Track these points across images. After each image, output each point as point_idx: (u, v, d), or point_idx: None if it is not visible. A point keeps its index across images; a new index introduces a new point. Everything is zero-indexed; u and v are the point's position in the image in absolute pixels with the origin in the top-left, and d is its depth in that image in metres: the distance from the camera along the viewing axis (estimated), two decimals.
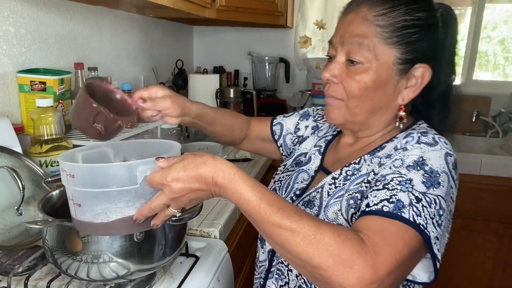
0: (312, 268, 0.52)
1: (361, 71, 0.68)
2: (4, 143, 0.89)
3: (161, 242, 0.70)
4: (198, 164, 0.56)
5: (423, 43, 0.68)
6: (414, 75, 0.69)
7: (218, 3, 1.73)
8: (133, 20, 1.76)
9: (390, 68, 0.68)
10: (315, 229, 0.52)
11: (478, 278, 1.95)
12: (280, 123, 1.00)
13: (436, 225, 0.58)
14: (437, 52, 0.70)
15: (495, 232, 1.89)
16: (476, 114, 2.29)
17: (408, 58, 0.68)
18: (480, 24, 2.35)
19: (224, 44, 2.50)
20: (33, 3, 1.16)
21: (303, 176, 0.84)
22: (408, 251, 0.54)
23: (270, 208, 0.53)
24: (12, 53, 1.10)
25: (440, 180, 0.61)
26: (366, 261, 0.50)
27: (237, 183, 0.55)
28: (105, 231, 0.62)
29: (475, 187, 1.85)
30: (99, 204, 0.59)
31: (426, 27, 0.68)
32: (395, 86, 0.69)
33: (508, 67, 2.50)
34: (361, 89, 0.69)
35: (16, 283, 0.75)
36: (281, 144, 0.99)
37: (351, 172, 0.73)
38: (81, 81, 1.21)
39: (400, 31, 0.66)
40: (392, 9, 0.67)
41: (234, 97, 2.02)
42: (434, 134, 0.67)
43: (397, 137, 0.72)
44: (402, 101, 0.71)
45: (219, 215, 1.07)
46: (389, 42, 0.67)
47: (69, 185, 0.60)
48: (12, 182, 0.82)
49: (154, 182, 0.57)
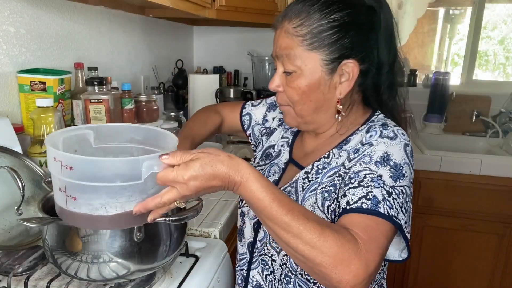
0: (314, 265, 0.58)
1: (295, 79, 0.75)
2: (4, 143, 0.89)
3: (161, 242, 0.70)
4: (215, 163, 0.57)
5: (344, 40, 0.72)
6: (344, 70, 0.73)
7: (218, 3, 1.73)
8: (133, 20, 1.76)
9: (319, 70, 0.73)
10: (320, 232, 0.57)
11: (478, 278, 1.95)
12: (249, 113, 1.03)
13: (404, 212, 0.66)
14: (364, 43, 0.73)
15: (495, 232, 1.89)
16: (476, 114, 2.29)
17: (333, 57, 0.72)
18: (480, 24, 2.35)
19: (224, 44, 2.50)
20: (33, 3, 1.16)
21: (274, 169, 0.88)
22: (387, 243, 0.62)
23: (281, 209, 0.58)
24: (12, 53, 1.10)
25: (404, 171, 0.68)
26: (361, 260, 0.57)
27: (251, 183, 0.58)
28: (102, 225, 0.60)
29: (475, 187, 1.85)
30: (99, 198, 0.58)
31: (344, 26, 0.72)
32: (329, 85, 0.74)
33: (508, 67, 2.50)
34: (299, 94, 0.75)
35: (16, 283, 0.75)
36: (249, 134, 1.03)
37: (321, 166, 0.78)
38: (81, 81, 1.21)
39: (319, 36, 0.72)
40: (307, 18, 0.72)
41: (234, 97, 2.02)
42: (393, 126, 0.74)
43: (360, 129, 0.77)
44: (339, 95, 0.75)
45: (219, 215, 1.07)
46: (311, 48, 0.72)
47: (64, 177, 0.57)
48: (12, 182, 0.82)
49: (167, 179, 0.57)
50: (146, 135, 0.73)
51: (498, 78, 2.53)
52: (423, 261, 1.99)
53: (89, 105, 1.11)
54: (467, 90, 2.36)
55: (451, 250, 1.96)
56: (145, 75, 1.89)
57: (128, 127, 0.75)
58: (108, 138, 0.73)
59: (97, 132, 0.72)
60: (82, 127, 0.72)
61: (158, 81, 1.99)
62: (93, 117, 1.12)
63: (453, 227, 1.92)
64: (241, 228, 0.90)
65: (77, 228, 0.64)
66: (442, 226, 1.92)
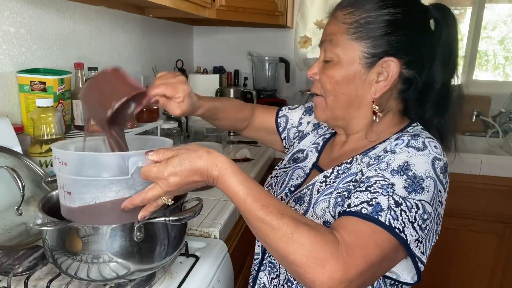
0: (288, 263, 0.56)
1: (332, 67, 0.73)
2: (4, 143, 0.89)
3: (161, 242, 0.70)
4: (193, 159, 0.58)
5: (391, 37, 0.69)
6: (384, 68, 0.71)
7: (218, 3, 1.73)
8: (133, 20, 1.76)
9: (357, 62, 0.71)
10: (293, 229, 0.55)
11: (478, 278, 1.95)
12: (285, 115, 1.01)
13: (418, 229, 0.61)
14: (414, 47, 0.70)
15: (495, 232, 1.89)
16: (476, 114, 2.29)
17: (374, 52, 0.70)
18: (480, 24, 2.35)
19: (224, 44, 2.50)
20: (33, 3, 1.16)
21: (299, 173, 0.86)
22: (379, 253, 0.57)
23: (255, 203, 0.57)
24: (12, 53, 1.10)
25: (424, 185, 0.62)
26: (338, 262, 0.54)
27: (228, 177, 0.58)
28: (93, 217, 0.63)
29: (475, 187, 1.85)
30: (89, 192, 0.61)
31: (394, 22, 0.69)
32: (364, 80, 0.72)
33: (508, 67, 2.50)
34: (332, 83, 0.73)
35: (16, 283, 0.75)
36: (284, 137, 1.00)
37: (342, 171, 0.75)
38: (81, 81, 1.21)
39: (365, 26, 0.70)
40: (359, 7, 0.71)
41: (234, 97, 2.02)
42: (425, 137, 0.68)
43: (390, 138, 0.73)
44: (374, 95, 0.72)
45: (219, 215, 1.07)
46: (354, 38, 0.70)
47: (61, 173, 0.62)
48: (12, 182, 0.82)
49: (150, 175, 0.59)
50: (152, 145, 0.76)
51: (498, 78, 2.53)
52: None
53: None
54: (467, 90, 2.35)
55: (451, 250, 1.96)
56: (145, 75, 1.89)
57: (136, 138, 0.80)
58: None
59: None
60: (94, 138, 0.75)
61: None
62: None
63: (453, 227, 1.92)
64: None
65: (77, 228, 0.64)
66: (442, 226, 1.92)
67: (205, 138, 1.75)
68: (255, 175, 1.48)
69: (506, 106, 2.23)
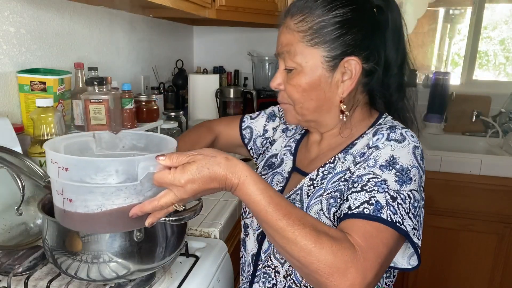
0: (309, 271, 0.57)
1: (295, 76, 0.73)
2: (4, 143, 0.89)
3: (161, 242, 0.70)
4: (212, 165, 0.57)
5: (347, 36, 0.70)
6: (347, 68, 0.72)
7: (218, 3, 1.73)
8: (133, 20, 1.76)
9: (319, 67, 0.72)
10: (315, 239, 0.56)
11: (478, 278, 1.95)
12: (249, 126, 1.00)
13: (412, 217, 0.64)
14: (369, 41, 0.72)
15: (495, 232, 1.89)
16: (476, 114, 2.29)
17: (335, 54, 0.71)
18: (480, 24, 2.35)
19: (224, 44, 2.50)
20: (33, 3, 1.16)
21: (278, 179, 0.86)
22: (387, 251, 0.60)
23: (277, 213, 0.57)
24: (12, 53, 1.10)
25: (412, 175, 0.66)
26: (358, 269, 0.55)
27: (248, 185, 0.58)
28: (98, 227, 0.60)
29: (475, 187, 1.85)
30: (94, 200, 0.57)
31: (347, 22, 0.70)
32: (330, 82, 0.73)
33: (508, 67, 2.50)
34: (299, 92, 0.74)
35: (16, 283, 0.75)
36: (251, 148, 1.00)
37: (327, 171, 0.75)
38: (81, 81, 1.21)
39: (320, 31, 0.70)
40: (309, 14, 0.71)
41: (234, 97, 2.02)
42: (401, 128, 0.71)
43: (367, 133, 0.75)
44: (342, 94, 0.74)
45: (219, 215, 1.07)
46: (312, 44, 0.71)
47: (61, 179, 0.57)
48: (12, 182, 0.82)
49: (164, 182, 0.56)
50: (147, 141, 0.73)
51: (498, 78, 2.53)
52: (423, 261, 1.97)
53: (89, 105, 1.11)
54: (467, 90, 2.36)
55: (451, 250, 1.96)
56: (145, 75, 1.89)
57: (129, 134, 0.75)
58: (110, 145, 0.73)
59: (99, 139, 0.72)
60: (84, 134, 0.72)
61: (158, 81, 1.99)
62: (93, 117, 1.12)
63: (453, 227, 1.92)
64: (244, 240, 0.88)
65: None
66: (442, 226, 1.92)
67: None
68: None
69: (506, 106, 2.23)
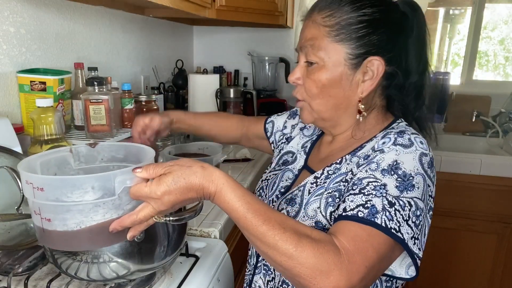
0: (292, 275, 0.56)
1: (317, 70, 0.73)
2: (4, 143, 0.89)
3: (161, 242, 0.70)
4: (188, 175, 0.56)
5: (373, 36, 0.70)
6: (369, 68, 0.71)
7: (218, 3, 1.73)
8: (133, 20, 1.76)
9: (342, 64, 0.71)
10: (296, 243, 0.55)
11: (478, 278, 1.95)
12: (272, 121, 1.04)
13: (413, 226, 0.62)
14: (393, 44, 0.72)
15: (495, 232, 1.89)
16: (476, 114, 2.29)
17: (358, 52, 0.71)
18: (480, 24, 2.35)
19: (224, 44, 2.50)
20: (33, 3, 1.16)
21: (288, 175, 0.86)
22: (377, 257, 0.58)
23: (256, 218, 0.56)
24: (12, 53, 1.10)
25: (414, 182, 0.63)
26: (341, 271, 0.54)
27: (226, 193, 0.57)
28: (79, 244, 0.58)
29: (475, 187, 1.85)
30: (73, 218, 0.55)
31: (374, 22, 0.70)
32: (351, 81, 0.72)
33: (508, 67, 2.50)
34: (318, 87, 0.73)
35: (16, 283, 0.75)
36: (272, 141, 1.03)
37: (332, 171, 0.75)
38: (81, 81, 1.21)
39: (347, 28, 0.70)
40: (338, 9, 0.71)
41: (234, 97, 2.02)
42: (411, 134, 0.70)
43: (376, 136, 0.74)
44: (361, 94, 0.73)
45: (219, 215, 1.07)
46: (337, 40, 0.71)
47: (37, 199, 0.55)
48: (12, 182, 0.82)
49: (141, 195, 0.56)
50: (126, 152, 0.72)
51: (498, 78, 2.53)
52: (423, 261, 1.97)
53: (89, 105, 1.11)
54: (467, 90, 2.36)
55: (451, 250, 1.96)
56: (145, 75, 1.89)
57: (108, 146, 0.73)
58: (89, 158, 0.72)
59: (76, 153, 0.70)
60: (61, 149, 0.70)
61: (158, 81, 1.99)
62: (93, 117, 1.12)
63: (453, 227, 1.92)
64: None
65: None
66: (442, 226, 1.92)
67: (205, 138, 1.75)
68: (255, 175, 1.47)
69: (506, 106, 2.23)
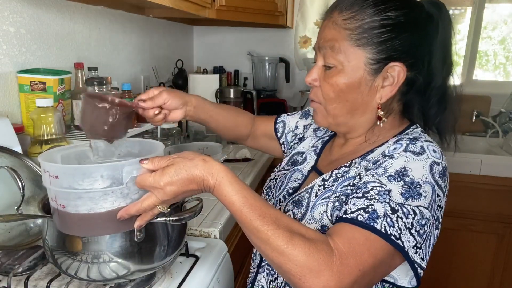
0: (283, 272, 0.57)
1: (335, 74, 0.70)
2: (4, 143, 0.89)
3: (161, 242, 0.70)
4: (189, 168, 0.58)
5: (395, 41, 0.67)
6: (390, 73, 0.69)
7: (218, 3, 1.73)
8: (133, 20, 1.76)
9: (362, 69, 0.69)
10: (288, 240, 0.55)
11: (478, 278, 1.95)
12: (283, 121, 1.02)
13: (416, 235, 0.60)
14: (416, 49, 0.69)
15: (495, 232, 1.89)
16: (476, 114, 2.29)
17: (380, 57, 0.68)
18: (480, 24, 2.35)
19: (224, 44, 2.50)
20: (33, 3, 1.16)
21: (297, 176, 0.86)
22: (372, 262, 0.57)
23: (251, 213, 0.57)
24: (12, 53, 1.10)
25: (422, 191, 0.62)
26: (332, 271, 0.54)
27: (224, 186, 0.58)
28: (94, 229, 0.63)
29: (475, 187, 1.85)
30: (84, 204, 0.60)
31: (398, 26, 0.67)
32: (370, 86, 0.70)
33: (508, 67, 2.50)
34: (336, 92, 0.71)
35: (16, 283, 0.75)
36: (283, 142, 1.01)
37: (340, 174, 0.74)
38: (81, 81, 1.21)
39: (369, 32, 0.67)
40: (360, 12, 0.68)
41: (234, 97, 2.02)
42: (424, 141, 0.68)
43: (389, 141, 0.72)
44: (379, 100, 0.71)
45: (219, 215, 1.07)
46: (358, 44, 0.68)
47: (52, 186, 0.61)
48: (12, 182, 0.82)
49: (145, 184, 0.59)
50: (141, 147, 0.76)
51: (498, 78, 2.53)
52: None
53: None
54: (467, 90, 2.34)
55: (451, 250, 1.96)
56: (145, 75, 1.89)
57: (124, 142, 0.77)
58: (107, 153, 0.75)
59: (95, 148, 0.74)
60: (81, 144, 0.75)
61: (158, 81, 1.99)
62: None
63: (453, 227, 1.92)
64: None
65: None
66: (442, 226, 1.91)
67: (205, 138, 1.75)
68: (255, 175, 1.48)
69: (506, 106, 2.23)
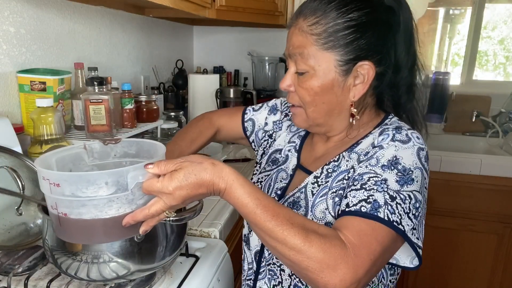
0: (300, 269, 0.58)
1: (308, 79, 0.72)
2: (4, 143, 0.89)
3: (161, 242, 0.70)
4: (198, 172, 0.57)
5: (361, 41, 0.70)
6: (360, 72, 0.71)
7: (218, 3, 1.73)
8: (133, 20, 1.76)
9: (332, 71, 0.71)
10: (304, 238, 0.57)
11: (478, 278, 1.95)
12: (251, 119, 1.00)
13: (413, 218, 0.64)
14: (382, 45, 0.71)
15: (495, 232, 1.89)
16: (476, 114, 2.29)
17: (348, 58, 0.70)
18: (480, 24, 2.35)
19: (224, 44, 2.50)
20: (33, 3, 1.16)
21: (282, 175, 0.86)
22: (380, 249, 0.60)
23: (265, 214, 0.58)
24: (12, 53, 1.10)
25: (414, 176, 0.66)
26: (348, 264, 0.56)
27: (235, 189, 0.58)
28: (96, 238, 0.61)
29: (475, 187, 1.85)
30: (88, 212, 0.58)
31: (361, 26, 0.69)
32: (342, 87, 0.72)
33: (508, 67, 2.50)
34: (311, 95, 0.73)
35: (16, 283, 0.75)
36: (253, 140, 1.00)
37: (331, 169, 0.75)
38: (81, 81, 1.21)
39: (334, 35, 0.69)
40: (323, 16, 0.70)
41: (234, 97, 2.02)
42: (407, 129, 0.71)
43: (372, 132, 0.75)
44: (353, 98, 0.73)
45: (219, 215, 1.07)
46: (326, 48, 0.70)
47: (53, 194, 0.58)
48: (12, 182, 0.82)
49: (153, 189, 0.57)
50: (138, 148, 0.74)
51: (498, 78, 2.53)
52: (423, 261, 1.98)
53: (89, 105, 1.11)
54: (467, 90, 2.36)
55: (451, 250, 1.96)
56: (145, 75, 1.89)
57: (120, 142, 0.75)
58: (103, 154, 0.74)
59: (90, 149, 0.72)
60: (75, 146, 0.72)
61: (158, 81, 1.99)
62: (93, 117, 1.12)
63: (453, 227, 1.92)
64: (247, 236, 0.88)
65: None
66: (442, 226, 1.92)
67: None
68: None
69: (506, 106, 2.23)
